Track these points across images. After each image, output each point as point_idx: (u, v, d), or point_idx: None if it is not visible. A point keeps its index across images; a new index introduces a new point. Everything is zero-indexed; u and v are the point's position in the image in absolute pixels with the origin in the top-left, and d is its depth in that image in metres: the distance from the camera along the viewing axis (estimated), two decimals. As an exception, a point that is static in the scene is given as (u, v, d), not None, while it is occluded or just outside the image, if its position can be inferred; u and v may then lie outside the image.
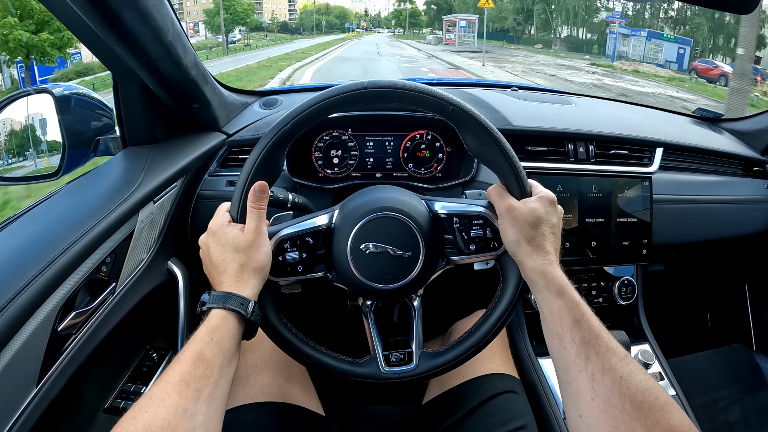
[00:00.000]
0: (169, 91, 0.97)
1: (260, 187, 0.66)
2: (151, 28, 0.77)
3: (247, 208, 0.66)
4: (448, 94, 0.67)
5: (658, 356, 1.17)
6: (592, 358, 0.55)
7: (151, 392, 0.51)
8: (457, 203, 0.73)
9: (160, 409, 0.49)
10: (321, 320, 1.32)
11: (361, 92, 0.65)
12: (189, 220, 1.07)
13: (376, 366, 0.73)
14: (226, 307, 0.60)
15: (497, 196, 0.68)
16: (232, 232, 0.65)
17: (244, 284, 0.63)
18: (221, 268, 0.64)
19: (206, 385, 0.53)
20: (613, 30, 28.41)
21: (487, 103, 1.24)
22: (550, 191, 0.69)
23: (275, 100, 1.30)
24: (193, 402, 0.51)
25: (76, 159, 0.98)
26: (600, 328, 0.58)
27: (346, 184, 1.12)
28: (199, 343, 0.56)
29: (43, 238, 0.71)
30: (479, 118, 0.67)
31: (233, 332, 0.60)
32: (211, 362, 0.55)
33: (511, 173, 0.68)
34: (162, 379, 0.53)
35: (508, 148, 0.67)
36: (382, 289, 0.70)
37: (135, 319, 0.92)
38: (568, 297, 0.61)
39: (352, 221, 0.70)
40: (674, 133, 1.30)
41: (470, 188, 1.08)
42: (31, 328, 0.64)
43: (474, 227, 0.71)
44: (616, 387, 0.53)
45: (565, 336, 0.59)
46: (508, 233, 0.66)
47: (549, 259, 0.64)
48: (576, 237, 1.12)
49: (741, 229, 1.32)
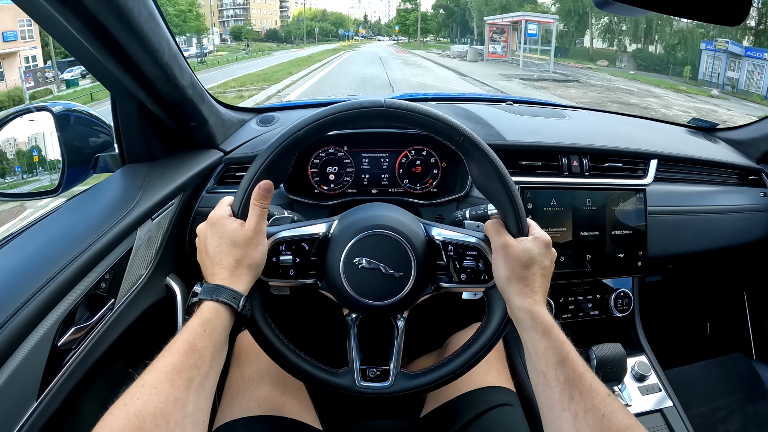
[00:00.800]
0: (166, 110, 0.98)
1: (266, 185, 0.67)
2: (147, 50, 0.78)
3: (250, 205, 0.67)
4: (461, 123, 0.68)
5: (655, 367, 1.17)
6: (576, 397, 0.57)
7: (143, 380, 0.52)
8: (454, 232, 0.74)
9: (152, 397, 0.50)
10: (306, 327, 1.33)
11: (377, 110, 0.67)
12: (187, 237, 1.08)
13: (351, 378, 0.74)
14: (218, 300, 0.61)
15: (494, 232, 0.69)
16: (232, 225, 0.66)
17: (237, 279, 0.64)
18: (216, 259, 0.65)
19: (197, 375, 0.54)
20: (721, 47, 19.25)
21: (481, 118, 1.25)
22: (547, 234, 0.70)
23: (272, 117, 1.31)
24: (184, 391, 0.52)
25: (76, 176, 0.99)
26: (584, 368, 0.59)
27: (342, 201, 1.13)
28: (191, 334, 0.57)
29: (43, 256, 0.72)
30: (488, 152, 0.68)
31: (225, 325, 0.61)
32: (202, 353, 0.56)
33: (512, 211, 0.68)
34: (153, 367, 0.53)
35: (512, 186, 0.68)
36: (369, 304, 0.71)
37: (133, 334, 0.93)
38: (554, 337, 0.62)
39: (350, 234, 0.71)
40: (669, 145, 1.31)
41: (465, 203, 1.09)
42: (31, 344, 0.64)
43: (467, 257, 0.72)
44: (598, 426, 0.54)
45: (549, 375, 0.60)
46: (500, 270, 0.67)
47: (537, 299, 0.65)
48: (571, 250, 1.12)
49: (738, 239, 1.32)
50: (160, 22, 0.79)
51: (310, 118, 0.67)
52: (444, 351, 1.05)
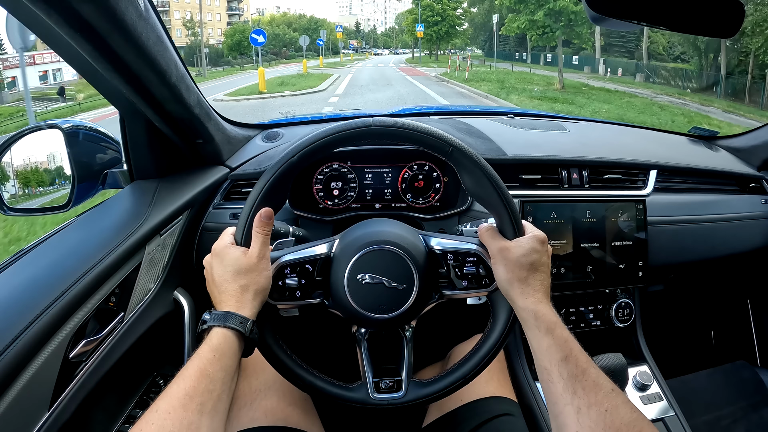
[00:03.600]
0: (174, 128, 1.00)
1: (266, 213, 0.69)
2: (156, 72, 0.80)
3: (253, 232, 0.69)
4: (449, 135, 0.69)
5: (657, 377, 1.17)
6: (579, 392, 0.58)
7: (157, 406, 0.54)
8: (452, 240, 0.76)
9: (166, 422, 0.52)
10: (317, 345, 1.34)
11: (365, 129, 0.68)
12: (194, 252, 1.10)
13: (365, 392, 0.76)
14: (226, 326, 0.63)
15: (489, 238, 0.71)
16: (235, 254, 0.67)
17: (244, 305, 0.65)
18: (222, 287, 0.67)
19: (209, 399, 0.56)
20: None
21: (481, 132, 1.26)
22: (541, 231, 0.71)
23: (277, 133, 1.32)
24: (197, 415, 0.54)
25: (85, 192, 1.01)
26: (587, 364, 0.60)
27: (346, 216, 1.15)
28: (202, 360, 0.59)
29: (55, 271, 0.74)
30: (478, 160, 0.69)
31: (234, 350, 0.63)
32: (213, 378, 0.58)
33: (506, 214, 0.70)
34: (167, 393, 0.55)
35: (504, 189, 0.70)
36: (376, 318, 0.72)
37: (142, 347, 0.94)
38: (558, 334, 0.63)
39: (351, 252, 0.72)
40: (668, 155, 1.32)
41: (466, 217, 1.10)
42: (44, 356, 0.66)
43: (467, 264, 0.74)
44: (601, 420, 0.55)
45: (553, 371, 0.61)
46: (501, 273, 0.69)
47: (539, 297, 0.67)
48: (571, 262, 1.13)
49: (740, 247, 1.33)
50: (168, 45, 0.82)
51: (301, 143, 0.69)
52: (447, 362, 1.06)
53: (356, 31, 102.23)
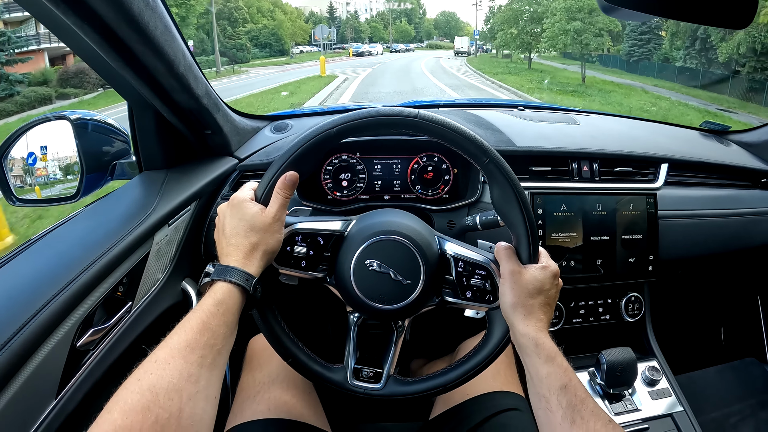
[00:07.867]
0: (182, 119, 1.00)
1: (291, 177, 0.68)
2: (164, 61, 0.80)
3: (274, 192, 0.68)
4: (489, 145, 0.68)
5: (666, 372, 1.17)
6: (578, 421, 0.58)
7: (156, 355, 0.53)
8: (466, 249, 0.75)
9: (165, 372, 0.51)
10: (307, 319, 1.34)
11: (410, 120, 0.68)
12: (203, 243, 1.10)
13: (344, 375, 0.76)
14: (232, 281, 0.62)
15: (505, 257, 0.70)
16: (253, 209, 0.67)
17: (251, 262, 0.65)
18: (233, 240, 0.66)
19: (210, 353, 0.56)
20: None
21: (492, 124, 1.25)
22: (555, 263, 0.71)
23: (286, 124, 1.32)
24: (197, 367, 0.54)
25: (94, 182, 1.01)
26: (586, 395, 0.60)
27: (355, 207, 1.14)
28: (205, 313, 0.58)
29: (62, 260, 0.74)
30: (512, 179, 0.68)
31: (237, 305, 0.62)
32: (216, 332, 0.58)
33: (526, 237, 0.69)
34: (167, 344, 0.55)
35: (531, 216, 0.69)
36: (373, 307, 0.72)
37: (150, 337, 0.94)
38: (557, 364, 0.63)
39: (366, 236, 0.72)
40: (680, 148, 1.30)
41: (476, 209, 1.09)
42: (51, 344, 0.67)
43: (476, 276, 0.74)
44: None
45: (552, 399, 0.61)
46: (507, 295, 0.68)
47: (540, 326, 0.66)
48: (581, 255, 1.12)
49: (750, 242, 1.31)
50: (175, 34, 0.81)
51: (344, 117, 0.68)
52: (455, 356, 1.06)
53: (329, 18, 76.63)
